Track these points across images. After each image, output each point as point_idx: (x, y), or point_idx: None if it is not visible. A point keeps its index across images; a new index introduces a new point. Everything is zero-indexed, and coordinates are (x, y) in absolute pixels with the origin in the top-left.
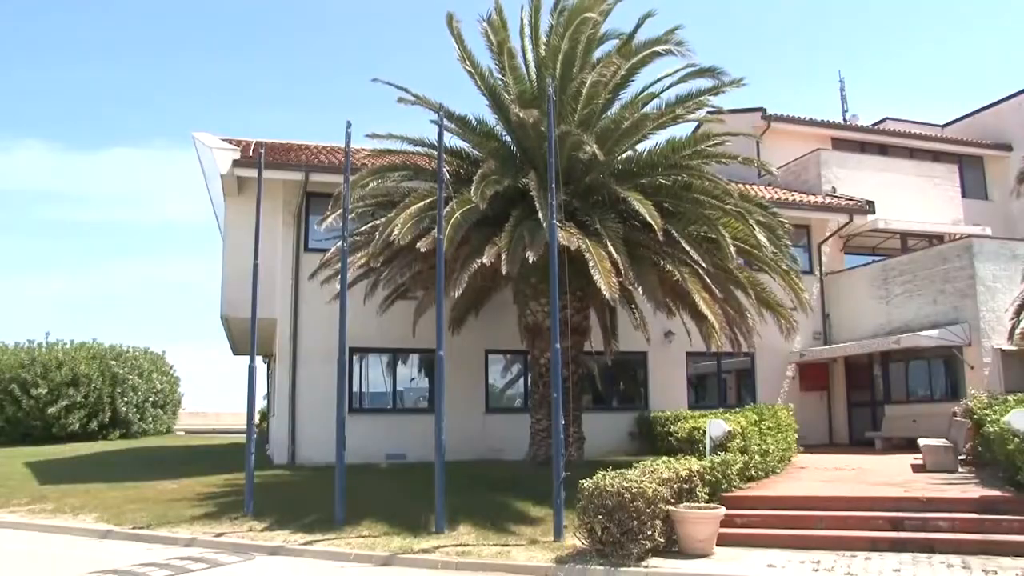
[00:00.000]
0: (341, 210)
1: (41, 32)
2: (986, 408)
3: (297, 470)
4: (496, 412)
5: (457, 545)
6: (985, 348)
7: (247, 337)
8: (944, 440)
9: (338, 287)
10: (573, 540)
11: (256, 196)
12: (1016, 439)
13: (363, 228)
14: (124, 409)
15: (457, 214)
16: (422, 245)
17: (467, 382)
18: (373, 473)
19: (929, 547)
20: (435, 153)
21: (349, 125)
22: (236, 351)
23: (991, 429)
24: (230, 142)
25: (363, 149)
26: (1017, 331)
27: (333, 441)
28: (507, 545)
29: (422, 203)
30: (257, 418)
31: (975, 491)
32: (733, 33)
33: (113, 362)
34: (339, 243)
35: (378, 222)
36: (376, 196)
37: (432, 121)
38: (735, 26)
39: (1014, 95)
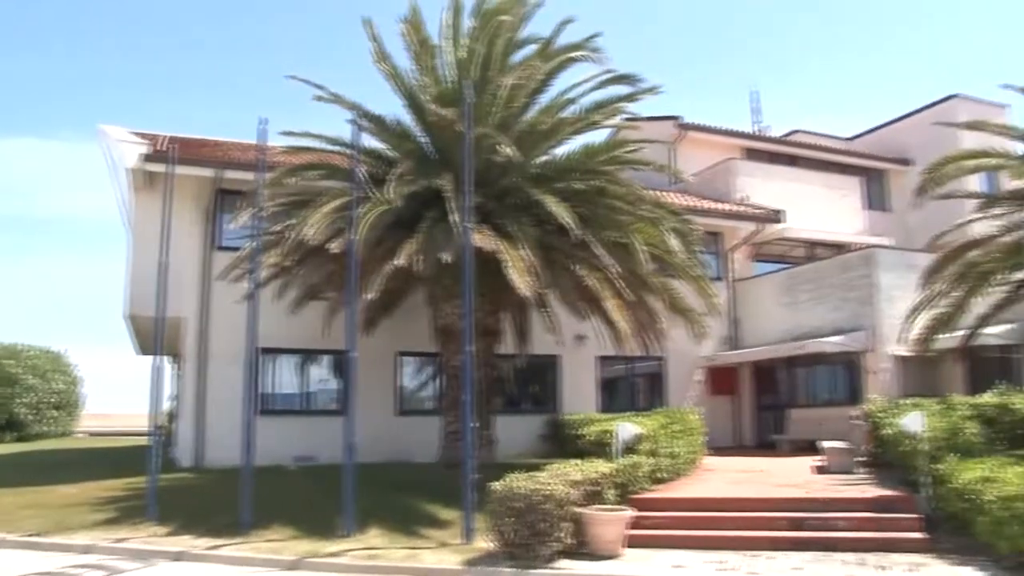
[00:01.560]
0: (254, 208)
1: None
2: (883, 411)
3: (204, 473)
4: (408, 414)
5: (366, 548)
6: (884, 354)
7: (153, 336)
8: (844, 442)
9: (249, 286)
10: (483, 543)
11: (164, 192)
12: (909, 441)
13: (276, 227)
14: (19, 411)
15: (371, 215)
16: (335, 246)
17: (379, 384)
18: (282, 475)
19: (828, 546)
20: (351, 153)
21: (264, 122)
22: (141, 351)
23: (887, 432)
24: (140, 136)
25: (278, 147)
26: (912, 338)
27: (241, 443)
28: (417, 548)
29: (336, 203)
30: (163, 420)
31: (872, 491)
32: (651, 42)
33: (9, 361)
34: (251, 242)
35: (292, 221)
36: (290, 195)
37: (348, 121)
38: (653, 36)
39: (915, 112)
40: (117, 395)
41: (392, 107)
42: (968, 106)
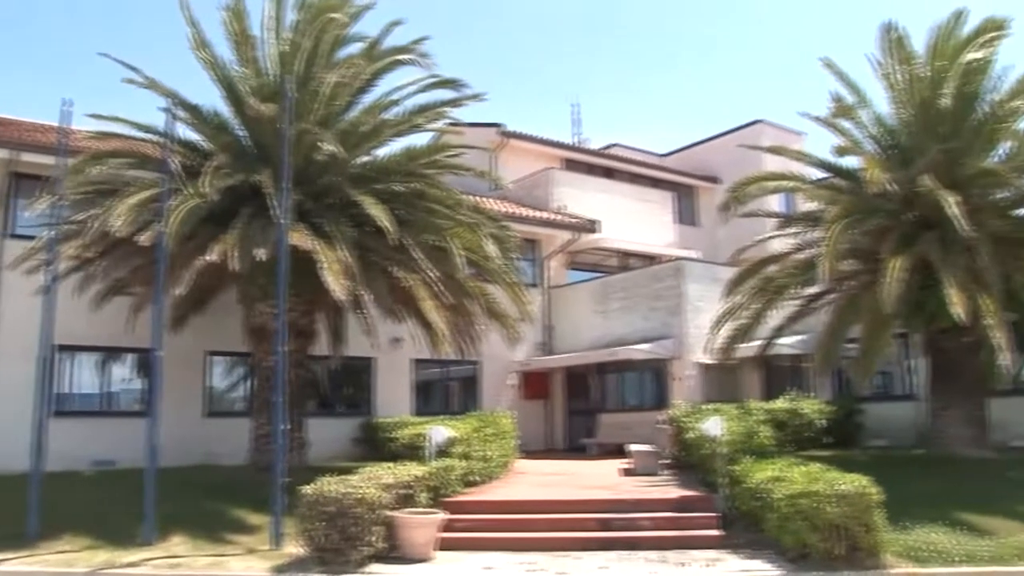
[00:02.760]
0: (54, 195)
1: None
2: (687, 416)
3: None
4: (217, 416)
5: (168, 557)
6: (689, 361)
7: None
8: (651, 446)
9: (45, 278)
10: (293, 548)
11: None
12: (709, 444)
13: (79, 216)
14: None
15: (184, 207)
16: (144, 238)
17: (186, 384)
18: (77, 481)
19: (634, 545)
20: (164, 142)
21: (68, 103)
22: None
23: (690, 435)
24: None
25: (85, 131)
26: (715, 346)
27: (31, 446)
28: (223, 555)
29: (146, 194)
30: None
31: (675, 492)
32: (477, 50)
33: None
34: (49, 231)
35: (96, 211)
36: (96, 183)
37: (162, 108)
38: (479, 43)
39: (724, 134)
40: None
41: (213, 98)
42: (771, 131)
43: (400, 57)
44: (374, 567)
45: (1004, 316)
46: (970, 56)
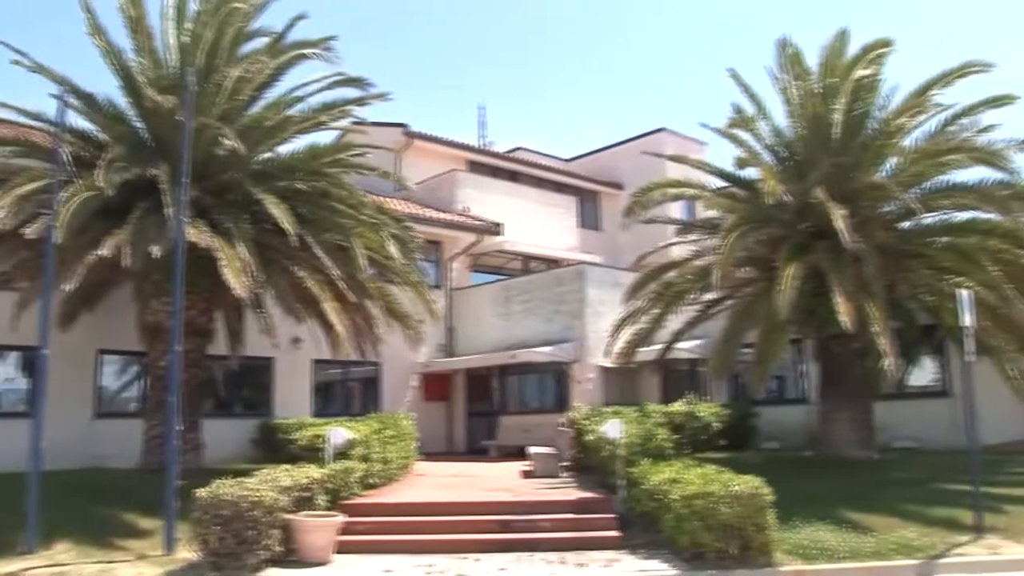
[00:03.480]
0: None
1: None
2: (587, 419)
3: None
4: (108, 416)
5: (52, 565)
6: (589, 364)
7: None
8: (551, 448)
9: None
10: (186, 553)
11: None
12: (609, 446)
13: None
14: None
15: (76, 200)
16: (31, 231)
17: (75, 383)
18: None
19: (533, 547)
20: (55, 131)
21: None
22: None
23: (590, 438)
24: None
25: None
26: (615, 350)
27: None
28: (112, 562)
29: (34, 185)
30: None
31: (574, 494)
32: (384, 49)
33: None
34: None
35: None
36: None
37: (53, 95)
38: (385, 44)
39: (628, 141)
40: None
41: (111, 88)
42: (673, 140)
43: (305, 52)
44: (270, 571)
45: (889, 323)
46: (859, 73)
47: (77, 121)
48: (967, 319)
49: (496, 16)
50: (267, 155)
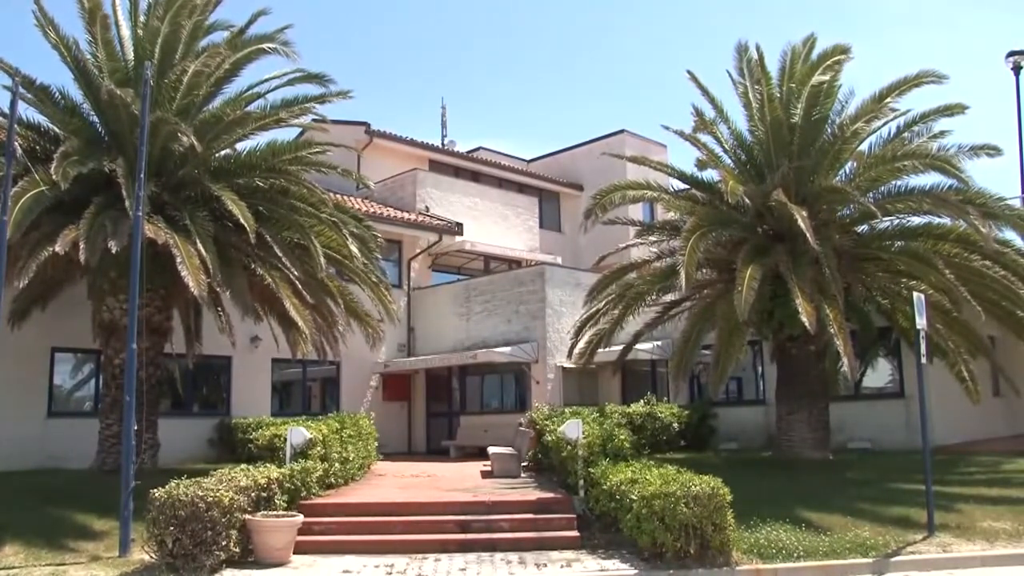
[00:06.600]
0: None
1: None
2: (547, 419)
3: None
4: (61, 416)
5: (0, 569)
6: (550, 365)
7: None
8: (511, 448)
9: None
10: (142, 554)
11: None
12: (568, 447)
13: None
14: None
15: (29, 194)
16: None
17: (27, 382)
18: None
19: (493, 547)
20: (6, 123)
21: None
22: None
23: (550, 438)
24: None
25: None
26: (576, 351)
27: None
28: (64, 564)
29: None
30: None
31: (533, 494)
32: (346, 48)
33: None
34: None
35: None
36: None
37: (5, 86)
38: (347, 43)
39: (589, 142)
40: None
41: (66, 82)
42: (634, 142)
43: (264, 46)
44: (228, 573)
45: (846, 326)
46: (818, 78)
47: (30, 114)
48: (921, 321)
49: (458, 16)
50: (226, 151)
